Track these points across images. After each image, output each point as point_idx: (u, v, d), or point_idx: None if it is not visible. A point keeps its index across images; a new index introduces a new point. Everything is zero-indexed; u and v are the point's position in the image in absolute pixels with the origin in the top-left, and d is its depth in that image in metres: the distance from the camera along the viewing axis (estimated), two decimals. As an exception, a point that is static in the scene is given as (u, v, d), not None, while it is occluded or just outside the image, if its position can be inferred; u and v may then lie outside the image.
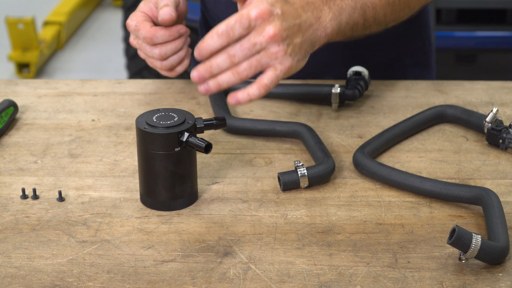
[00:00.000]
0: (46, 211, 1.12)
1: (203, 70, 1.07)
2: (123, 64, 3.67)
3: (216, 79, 1.08)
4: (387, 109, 1.39)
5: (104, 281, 0.98)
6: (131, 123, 1.35)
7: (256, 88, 1.08)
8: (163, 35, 1.32)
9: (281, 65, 1.08)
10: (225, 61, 1.07)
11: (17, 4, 5.04)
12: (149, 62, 1.36)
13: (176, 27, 1.33)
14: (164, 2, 1.33)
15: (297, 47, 1.09)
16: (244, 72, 1.07)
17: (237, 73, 1.07)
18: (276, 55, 1.07)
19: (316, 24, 1.13)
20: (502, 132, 1.25)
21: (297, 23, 1.10)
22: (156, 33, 1.31)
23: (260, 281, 0.97)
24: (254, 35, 1.06)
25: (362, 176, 1.19)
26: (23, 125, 1.35)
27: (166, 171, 1.09)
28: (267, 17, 1.06)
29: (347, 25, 1.19)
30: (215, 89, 1.08)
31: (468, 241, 0.96)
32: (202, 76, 1.07)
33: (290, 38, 1.08)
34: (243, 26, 1.06)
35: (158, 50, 1.33)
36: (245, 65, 1.07)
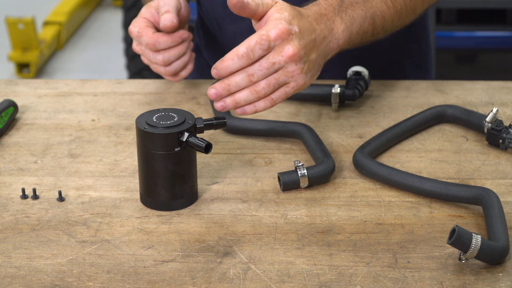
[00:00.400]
0: (46, 211, 1.12)
1: (221, 88, 1.08)
2: (123, 64, 3.67)
3: (234, 97, 1.09)
4: (387, 109, 1.39)
5: (104, 281, 0.98)
6: (131, 123, 1.35)
7: (262, 101, 1.10)
8: (166, 41, 1.32)
9: (294, 83, 1.10)
10: (243, 80, 1.08)
11: (17, 4, 5.04)
12: (153, 68, 1.37)
13: (179, 32, 1.33)
14: (165, 8, 1.33)
15: (312, 63, 1.11)
16: (262, 91, 1.08)
17: (256, 91, 1.08)
18: (293, 74, 1.09)
19: (329, 37, 1.15)
20: (502, 132, 1.25)
21: (312, 39, 1.11)
22: (158, 39, 1.31)
23: (260, 281, 0.97)
24: (273, 54, 1.07)
25: (362, 176, 1.19)
26: (23, 125, 1.35)
27: (166, 171, 1.09)
28: (286, 37, 1.07)
29: (357, 34, 1.20)
30: (232, 107, 1.09)
31: (468, 241, 0.96)
32: (219, 94, 1.08)
33: (306, 55, 1.10)
34: (263, 48, 1.07)
35: (161, 56, 1.33)
36: (264, 83, 1.08)
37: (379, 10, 1.23)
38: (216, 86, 1.08)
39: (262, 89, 1.08)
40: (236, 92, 1.08)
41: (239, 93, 1.08)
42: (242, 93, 1.08)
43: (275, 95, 1.10)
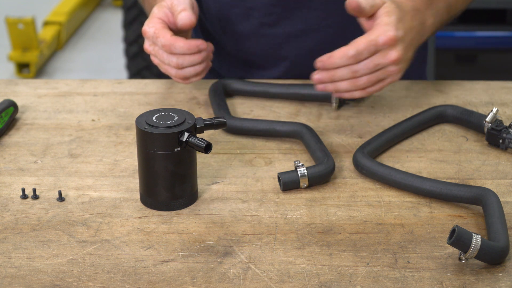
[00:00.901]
0: (46, 211, 1.12)
1: (326, 77, 1.20)
2: (123, 64, 3.67)
3: (335, 85, 1.20)
4: (387, 109, 1.39)
5: (104, 281, 0.98)
6: (131, 123, 1.35)
7: (359, 92, 1.21)
8: (182, 47, 1.30)
9: (390, 79, 1.22)
10: (347, 74, 1.19)
11: (17, 4, 5.04)
12: (163, 69, 1.35)
13: (196, 42, 1.30)
14: (181, 7, 1.33)
15: (408, 61, 1.22)
16: (362, 85, 1.20)
17: (356, 85, 1.20)
18: (392, 73, 1.20)
19: (421, 31, 1.25)
20: (502, 132, 1.25)
21: (411, 38, 1.22)
22: (175, 43, 1.30)
23: (260, 281, 0.97)
24: (378, 57, 1.19)
25: (362, 176, 1.19)
26: (23, 125, 1.35)
27: (166, 171, 1.09)
28: (393, 43, 1.18)
29: (440, 25, 1.31)
30: (332, 91, 1.22)
31: (468, 241, 0.96)
32: (322, 81, 1.20)
33: (406, 55, 1.21)
34: (370, 52, 1.18)
35: (176, 59, 1.32)
36: (365, 79, 1.20)
37: (453, 0, 1.33)
38: (322, 74, 1.19)
39: (363, 84, 1.19)
40: (338, 81, 1.19)
41: (341, 83, 1.19)
42: (344, 83, 1.20)
43: (371, 88, 1.21)
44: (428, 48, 1.65)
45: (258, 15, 1.47)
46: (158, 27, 1.32)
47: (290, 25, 1.48)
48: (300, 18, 1.47)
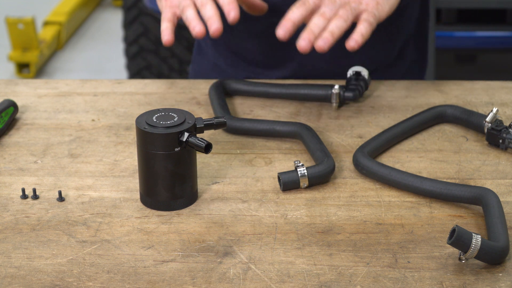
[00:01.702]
0: (46, 211, 1.12)
1: (307, 35, 1.16)
2: (123, 64, 3.68)
3: (327, 30, 1.16)
4: (387, 109, 1.39)
5: (104, 281, 0.98)
6: (131, 123, 1.35)
7: (362, 25, 1.18)
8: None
9: (369, 6, 1.19)
10: (319, 20, 1.15)
11: (17, 4, 5.04)
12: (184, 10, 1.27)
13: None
14: None
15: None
16: (344, 15, 1.16)
17: (339, 16, 1.16)
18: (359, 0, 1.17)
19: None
20: (502, 132, 1.25)
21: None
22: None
23: (260, 281, 0.97)
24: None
25: (362, 176, 1.19)
26: (23, 125, 1.35)
27: (166, 171, 1.09)
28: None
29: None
30: (332, 39, 1.16)
31: (468, 241, 0.96)
32: (310, 40, 1.16)
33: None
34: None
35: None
36: (341, 11, 1.16)
37: None
38: (303, 37, 1.16)
39: (343, 15, 1.16)
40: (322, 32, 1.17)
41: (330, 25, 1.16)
42: (332, 23, 1.16)
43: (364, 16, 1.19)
44: (428, 48, 1.65)
45: (267, 14, 1.47)
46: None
47: None
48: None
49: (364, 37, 1.20)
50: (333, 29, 1.17)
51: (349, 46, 1.19)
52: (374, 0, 1.20)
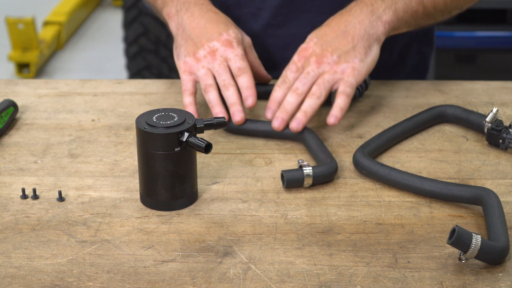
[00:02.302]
0: (46, 211, 1.12)
1: (280, 114, 1.19)
2: (123, 64, 3.67)
3: (301, 110, 1.18)
4: (387, 109, 1.39)
5: (104, 281, 0.98)
6: (131, 123, 1.35)
7: (340, 99, 1.19)
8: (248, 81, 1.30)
9: (344, 74, 1.19)
10: (292, 96, 1.18)
11: (17, 4, 5.04)
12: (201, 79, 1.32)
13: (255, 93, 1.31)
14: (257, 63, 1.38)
15: (351, 51, 1.19)
16: (317, 92, 1.17)
17: (312, 94, 1.18)
18: (334, 69, 1.17)
19: (369, 18, 1.22)
20: (502, 132, 1.25)
21: (342, 31, 1.20)
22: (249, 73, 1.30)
23: (260, 281, 0.97)
24: (305, 69, 1.20)
25: (362, 176, 1.19)
26: (23, 125, 1.35)
27: (166, 171, 1.09)
28: (306, 53, 1.18)
29: (405, 13, 1.27)
30: (305, 119, 1.19)
31: (468, 241, 0.96)
32: (282, 119, 1.19)
33: (337, 50, 1.18)
34: (292, 70, 1.18)
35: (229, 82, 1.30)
36: (314, 88, 1.18)
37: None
38: (276, 116, 1.20)
39: (316, 91, 1.18)
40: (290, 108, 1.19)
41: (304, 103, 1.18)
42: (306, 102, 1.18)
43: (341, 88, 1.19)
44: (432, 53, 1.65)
45: (266, 15, 1.47)
46: (243, 53, 1.31)
47: (298, 26, 1.48)
48: (308, 20, 1.47)
49: (343, 111, 1.23)
50: (306, 108, 1.20)
51: (330, 122, 1.22)
52: (350, 67, 1.20)
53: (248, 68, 1.30)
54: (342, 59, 1.17)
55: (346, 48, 1.18)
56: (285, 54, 1.52)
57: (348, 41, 1.19)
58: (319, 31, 1.21)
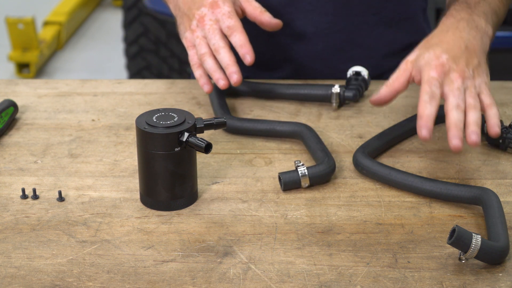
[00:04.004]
0: (46, 211, 1.12)
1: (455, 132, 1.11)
2: (123, 64, 3.68)
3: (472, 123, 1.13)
4: (387, 109, 1.39)
5: (104, 281, 0.98)
6: (131, 123, 1.35)
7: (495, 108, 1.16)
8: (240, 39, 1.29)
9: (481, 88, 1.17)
10: (458, 113, 1.13)
11: (17, 4, 5.04)
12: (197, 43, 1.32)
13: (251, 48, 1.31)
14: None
15: (479, 67, 1.19)
16: (476, 104, 1.15)
17: (474, 107, 1.14)
18: (473, 84, 1.16)
19: (479, 34, 1.23)
20: (502, 132, 1.25)
21: (464, 48, 1.20)
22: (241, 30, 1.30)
23: (260, 281, 0.97)
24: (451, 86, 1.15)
25: (362, 176, 1.19)
26: (23, 125, 1.35)
27: (166, 171, 1.09)
28: (444, 69, 1.15)
29: (495, 25, 1.30)
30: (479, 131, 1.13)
31: (468, 241, 0.96)
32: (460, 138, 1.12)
33: (470, 65, 1.18)
34: (437, 86, 1.14)
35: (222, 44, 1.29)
36: (472, 101, 1.14)
37: (496, 5, 1.32)
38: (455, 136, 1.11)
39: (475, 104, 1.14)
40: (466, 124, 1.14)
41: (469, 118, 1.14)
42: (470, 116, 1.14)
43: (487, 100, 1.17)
44: None
45: (271, 14, 1.47)
46: (232, 9, 1.31)
47: (301, 27, 1.48)
48: (311, 20, 1.47)
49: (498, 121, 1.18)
50: (476, 121, 1.14)
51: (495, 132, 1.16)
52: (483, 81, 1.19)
53: (238, 24, 1.30)
54: (475, 74, 1.18)
55: (474, 64, 1.19)
56: (285, 55, 1.52)
57: (474, 57, 1.20)
58: (440, 47, 1.20)
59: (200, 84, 1.33)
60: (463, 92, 1.15)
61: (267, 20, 1.35)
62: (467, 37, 1.21)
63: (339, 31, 1.49)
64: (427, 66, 1.16)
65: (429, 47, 1.20)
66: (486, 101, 1.16)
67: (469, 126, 1.12)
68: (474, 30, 1.23)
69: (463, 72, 1.17)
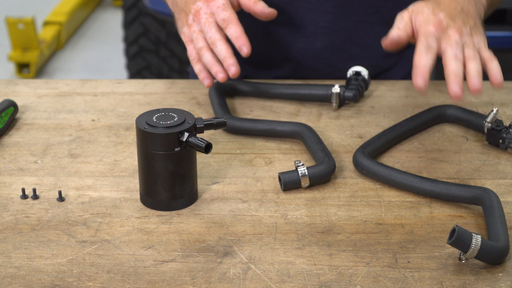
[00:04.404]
0: (46, 211, 1.12)
1: (454, 79, 1.10)
2: (123, 64, 3.67)
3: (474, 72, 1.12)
4: (387, 109, 1.39)
5: (104, 281, 0.98)
6: (131, 123, 1.35)
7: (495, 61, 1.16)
8: (236, 31, 1.30)
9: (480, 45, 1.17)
10: (457, 63, 1.12)
11: (17, 4, 5.04)
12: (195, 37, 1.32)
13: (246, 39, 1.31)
14: None
15: (475, 27, 1.19)
16: (476, 55, 1.14)
17: (473, 58, 1.13)
18: (471, 41, 1.16)
19: (474, 1, 1.23)
20: (502, 132, 1.25)
21: (460, 11, 1.20)
22: (236, 22, 1.29)
23: (260, 281, 0.97)
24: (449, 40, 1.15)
25: (362, 176, 1.19)
26: (23, 125, 1.35)
27: (166, 171, 1.09)
28: (442, 25, 1.16)
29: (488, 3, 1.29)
30: (481, 79, 1.12)
31: (468, 241, 0.96)
32: (460, 86, 1.10)
33: (466, 24, 1.18)
34: (433, 39, 1.14)
35: (218, 37, 1.30)
36: (471, 52, 1.14)
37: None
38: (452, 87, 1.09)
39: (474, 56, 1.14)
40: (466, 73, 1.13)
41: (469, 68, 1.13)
42: (470, 65, 1.13)
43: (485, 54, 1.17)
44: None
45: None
46: (227, 1, 1.31)
47: (301, 25, 1.48)
48: (311, 19, 1.47)
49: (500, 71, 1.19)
50: (478, 69, 1.14)
51: (498, 82, 1.16)
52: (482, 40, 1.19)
53: (233, 16, 1.30)
54: (472, 32, 1.18)
55: (471, 24, 1.20)
56: (283, 54, 1.52)
57: (470, 18, 1.20)
58: (438, 7, 1.20)
59: (200, 78, 1.33)
60: (460, 46, 1.15)
61: (260, 9, 1.35)
62: (463, 2, 1.22)
63: (339, 30, 1.49)
64: (424, 21, 1.16)
65: (427, 3, 1.21)
66: (485, 55, 1.16)
67: (469, 73, 1.11)
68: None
69: (460, 28, 1.17)
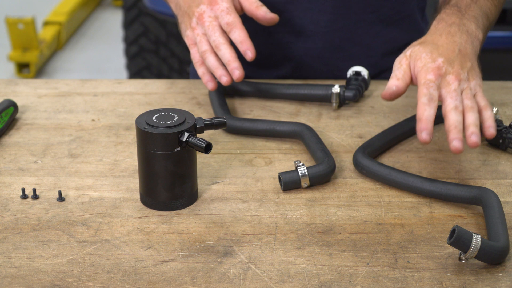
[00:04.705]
0: (46, 211, 1.12)
1: (455, 134, 1.12)
2: (123, 64, 3.67)
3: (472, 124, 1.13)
4: (387, 109, 1.39)
5: (104, 281, 0.98)
6: (131, 123, 1.35)
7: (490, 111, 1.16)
8: (240, 35, 1.30)
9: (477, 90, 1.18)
10: (457, 115, 1.13)
11: (17, 4, 5.04)
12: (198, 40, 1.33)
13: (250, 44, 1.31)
14: None
15: (472, 70, 1.20)
16: (474, 106, 1.15)
17: (471, 108, 1.15)
18: (469, 86, 1.17)
19: (470, 38, 1.24)
20: (502, 132, 1.25)
21: (458, 53, 1.21)
22: (240, 26, 1.30)
23: (260, 281, 0.97)
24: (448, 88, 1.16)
25: (362, 176, 1.19)
26: (23, 125, 1.35)
27: (166, 171, 1.09)
28: (440, 71, 1.16)
29: (486, 29, 1.31)
30: (479, 132, 1.13)
31: (468, 241, 0.96)
32: (460, 139, 1.12)
33: (464, 68, 1.19)
34: (434, 88, 1.15)
35: (222, 41, 1.30)
36: (469, 102, 1.15)
37: (487, 8, 1.33)
38: (452, 139, 1.11)
39: (472, 106, 1.15)
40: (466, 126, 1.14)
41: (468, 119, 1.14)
42: (469, 117, 1.14)
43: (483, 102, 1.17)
44: None
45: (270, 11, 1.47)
46: (231, 5, 1.32)
47: (300, 25, 1.48)
48: (310, 19, 1.48)
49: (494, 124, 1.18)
50: (475, 122, 1.15)
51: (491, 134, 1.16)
52: (478, 84, 1.20)
53: (237, 20, 1.30)
54: (470, 76, 1.20)
55: (468, 67, 1.21)
56: (283, 54, 1.52)
57: (467, 60, 1.21)
58: (436, 51, 1.21)
59: (204, 81, 1.33)
60: (460, 94, 1.16)
61: (262, 14, 1.34)
62: (460, 41, 1.22)
63: (338, 30, 1.49)
64: (423, 69, 1.17)
65: (425, 47, 1.21)
66: (481, 103, 1.17)
67: (468, 128, 1.13)
68: (465, 35, 1.24)
69: (459, 75, 1.17)
